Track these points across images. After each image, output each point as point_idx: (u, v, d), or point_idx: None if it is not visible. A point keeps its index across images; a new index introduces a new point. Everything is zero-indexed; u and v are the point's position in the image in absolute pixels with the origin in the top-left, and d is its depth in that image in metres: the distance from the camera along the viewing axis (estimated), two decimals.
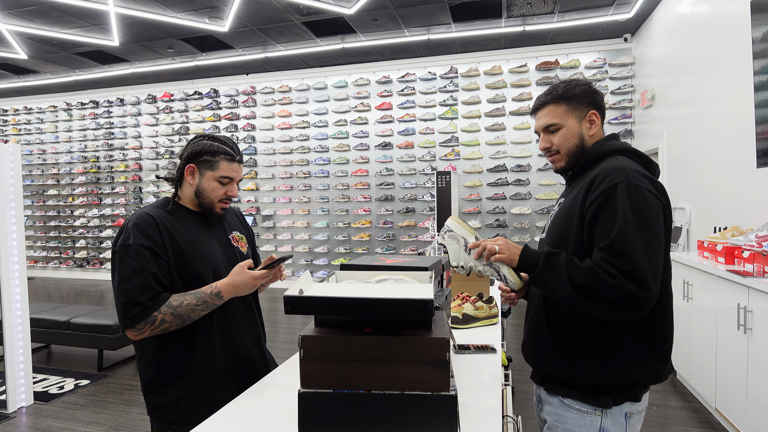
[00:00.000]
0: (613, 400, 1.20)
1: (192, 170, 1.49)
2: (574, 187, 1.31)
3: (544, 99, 1.34)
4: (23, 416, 3.20)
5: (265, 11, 5.25)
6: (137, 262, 1.35)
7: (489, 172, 6.75)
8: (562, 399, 1.25)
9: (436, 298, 1.58)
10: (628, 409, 1.21)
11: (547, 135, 1.35)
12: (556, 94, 1.32)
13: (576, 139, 1.32)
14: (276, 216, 7.69)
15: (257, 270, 1.45)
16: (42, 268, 9.07)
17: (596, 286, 1.10)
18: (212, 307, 1.41)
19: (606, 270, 1.10)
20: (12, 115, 9.27)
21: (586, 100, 1.32)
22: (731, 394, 2.66)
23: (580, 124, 1.32)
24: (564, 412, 1.24)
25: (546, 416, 1.31)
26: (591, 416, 1.21)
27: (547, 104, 1.33)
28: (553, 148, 1.34)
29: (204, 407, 1.36)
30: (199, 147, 1.49)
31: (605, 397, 1.19)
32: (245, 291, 1.44)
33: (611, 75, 6.29)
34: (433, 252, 3.61)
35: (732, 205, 3.51)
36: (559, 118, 1.31)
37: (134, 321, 1.33)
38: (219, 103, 7.96)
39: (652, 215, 1.14)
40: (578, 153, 1.33)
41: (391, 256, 1.78)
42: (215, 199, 1.51)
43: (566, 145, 1.32)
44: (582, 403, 1.21)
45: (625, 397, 1.21)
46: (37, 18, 5.38)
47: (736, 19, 3.37)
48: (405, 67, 7.10)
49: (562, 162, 1.35)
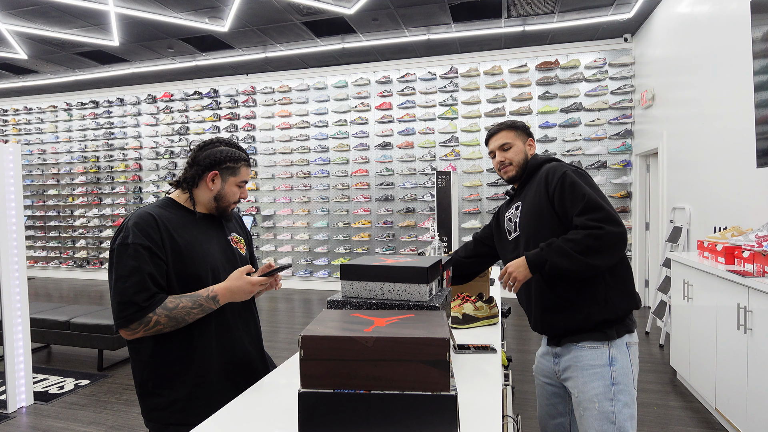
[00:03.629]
0: (617, 333, 1.58)
1: (214, 176, 1.52)
2: (527, 189, 1.76)
3: (499, 127, 1.83)
4: (23, 416, 3.20)
5: (265, 11, 5.25)
6: (135, 261, 1.35)
7: (489, 172, 6.75)
8: (576, 344, 1.61)
9: (436, 298, 1.58)
10: (627, 340, 1.60)
11: (502, 152, 1.81)
12: (508, 124, 1.83)
13: (523, 155, 1.80)
14: (276, 216, 7.69)
15: (255, 276, 1.45)
16: (42, 268, 9.07)
17: (595, 243, 1.48)
18: (207, 311, 1.41)
19: (592, 227, 1.49)
20: (12, 115, 9.27)
21: (525, 130, 1.84)
22: (731, 394, 2.66)
23: (524, 145, 1.82)
24: (579, 353, 1.60)
25: (564, 363, 1.65)
26: (600, 349, 1.58)
27: (501, 130, 1.82)
28: (506, 161, 1.80)
29: (201, 409, 1.35)
30: (222, 155, 1.52)
31: (610, 330, 1.58)
32: (242, 297, 1.44)
33: (611, 75, 6.29)
34: (433, 252, 3.61)
35: (732, 205, 3.51)
36: (511, 139, 1.80)
37: (129, 321, 1.33)
38: (219, 103, 7.96)
39: (594, 183, 1.63)
40: (523, 165, 1.80)
41: (391, 256, 1.78)
42: (233, 201, 1.56)
43: (517, 159, 1.79)
44: (592, 341, 1.58)
45: (624, 330, 1.60)
46: (37, 18, 5.38)
47: (736, 19, 3.37)
48: (405, 67, 7.10)
49: (513, 171, 1.80)
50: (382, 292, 1.55)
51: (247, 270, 1.42)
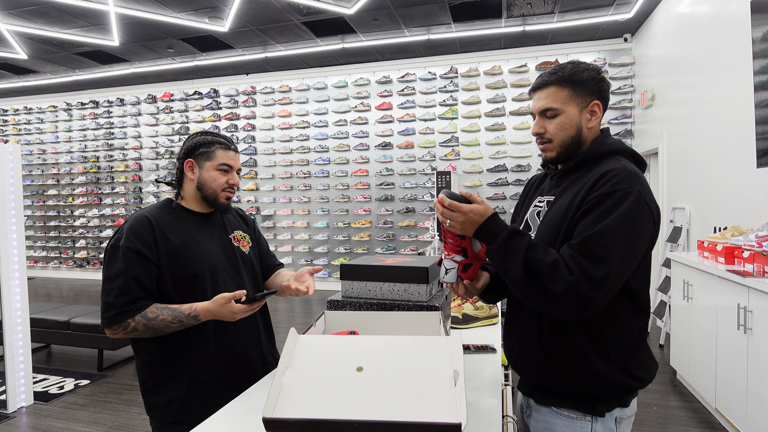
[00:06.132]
0: (607, 408, 1.15)
1: (191, 165, 1.52)
2: (571, 186, 1.18)
3: (548, 79, 1.19)
4: (23, 416, 3.19)
5: (265, 11, 5.25)
6: (122, 264, 1.37)
7: (489, 172, 6.75)
8: (550, 407, 1.20)
9: (436, 297, 1.58)
10: (618, 414, 1.17)
11: (542, 119, 1.20)
12: (561, 75, 1.17)
13: (573, 130, 1.18)
14: (276, 216, 7.68)
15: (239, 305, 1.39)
16: (42, 268, 9.07)
17: (548, 282, 1.03)
18: (187, 326, 1.41)
19: (568, 267, 1.02)
20: (12, 115, 9.27)
21: (593, 87, 1.17)
22: (731, 394, 2.66)
23: (580, 114, 1.18)
24: (554, 419, 1.19)
25: (534, 423, 1.25)
26: (581, 422, 1.16)
27: (549, 85, 1.19)
28: (546, 135, 1.20)
29: (198, 408, 1.37)
30: (193, 142, 1.53)
31: (600, 405, 1.15)
32: (224, 320, 1.43)
33: (611, 75, 6.28)
34: (433, 252, 3.61)
35: (732, 205, 3.51)
36: (560, 103, 1.17)
37: (110, 322, 1.37)
38: (219, 103, 7.96)
39: (641, 229, 1.06)
40: (572, 146, 1.19)
41: (391, 256, 1.78)
42: (218, 188, 1.53)
43: (561, 136, 1.19)
44: (572, 410, 1.17)
45: (616, 403, 1.16)
46: (37, 18, 5.38)
47: (736, 19, 3.37)
48: (405, 67, 7.10)
49: (553, 152, 1.21)
50: (382, 292, 1.55)
51: (232, 297, 1.37)
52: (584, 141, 1.20)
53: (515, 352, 1.27)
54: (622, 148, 1.19)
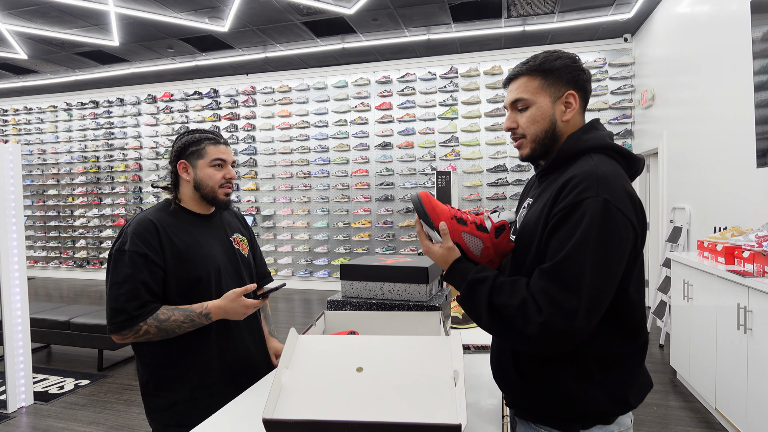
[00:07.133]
0: (582, 425, 1.05)
1: (184, 166, 1.51)
2: (545, 189, 1.08)
3: (519, 69, 1.11)
4: (23, 416, 3.19)
5: (265, 11, 5.25)
6: (129, 269, 1.36)
7: (489, 172, 6.75)
8: (526, 421, 1.13)
9: (436, 297, 1.58)
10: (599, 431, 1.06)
11: (514, 113, 1.11)
12: (532, 64, 1.09)
13: (546, 123, 1.08)
14: (276, 216, 7.68)
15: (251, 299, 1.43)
16: (42, 268, 9.07)
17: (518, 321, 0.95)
18: (199, 326, 1.41)
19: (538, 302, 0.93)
20: (12, 115, 9.27)
21: (567, 76, 1.08)
22: (731, 394, 2.66)
23: (553, 105, 1.08)
24: None
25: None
26: None
27: (520, 75, 1.10)
28: (519, 131, 1.11)
29: (201, 410, 1.35)
30: (182, 142, 1.52)
31: (574, 424, 1.05)
32: (235, 317, 1.43)
33: (611, 75, 6.28)
34: None
35: (732, 205, 3.51)
36: (530, 94, 1.08)
37: (119, 328, 1.35)
38: (219, 103, 7.96)
39: (614, 242, 0.93)
40: (547, 140, 1.09)
41: (391, 256, 1.78)
42: (215, 185, 1.51)
43: (533, 129, 1.09)
44: (551, 428, 1.08)
45: (594, 421, 1.05)
46: (37, 18, 5.38)
47: (736, 19, 3.37)
48: (405, 67, 7.10)
49: (527, 149, 1.11)
50: (382, 292, 1.55)
51: (243, 291, 1.40)
52: (560, 135, 1.10)
53: (493, 364, 1.21)
54: (600, 144, 1.05)
